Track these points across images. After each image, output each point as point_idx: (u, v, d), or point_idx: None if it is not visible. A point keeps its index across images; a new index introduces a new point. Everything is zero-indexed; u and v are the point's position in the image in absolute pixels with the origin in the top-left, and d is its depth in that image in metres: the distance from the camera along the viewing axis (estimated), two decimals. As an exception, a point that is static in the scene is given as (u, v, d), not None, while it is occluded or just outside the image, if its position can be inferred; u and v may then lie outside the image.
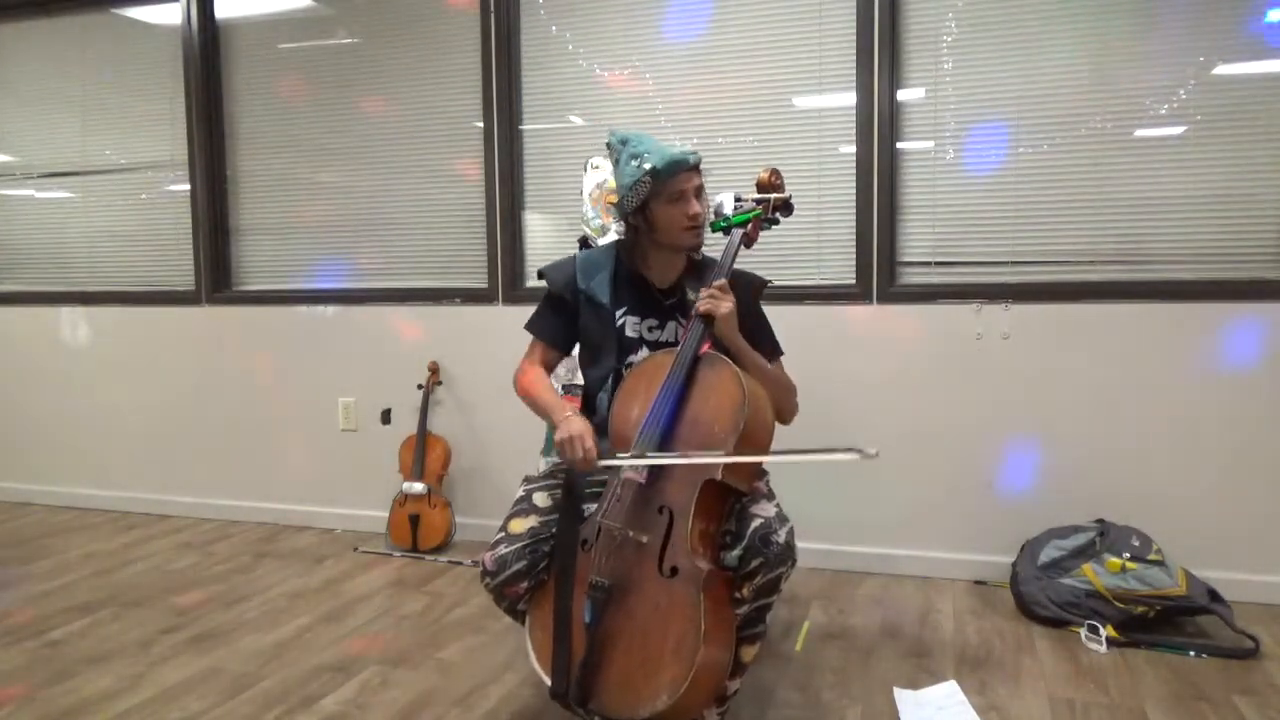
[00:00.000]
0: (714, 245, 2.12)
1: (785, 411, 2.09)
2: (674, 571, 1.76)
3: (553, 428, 1.94)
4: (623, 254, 2.13)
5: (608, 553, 1.83)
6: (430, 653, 2.54)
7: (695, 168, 2.02)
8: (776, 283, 3.17)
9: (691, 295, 2.08)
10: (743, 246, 2.11)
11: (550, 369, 2.18)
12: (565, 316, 2.14)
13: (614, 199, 2.10)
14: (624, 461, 1.86)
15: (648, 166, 1.96)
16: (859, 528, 3.22)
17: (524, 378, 2.12)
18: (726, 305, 1.95)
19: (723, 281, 1.99)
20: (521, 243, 3.60)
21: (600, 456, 1.87)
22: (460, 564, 3.34)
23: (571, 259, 2.17)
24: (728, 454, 1.80)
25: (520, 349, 2.18)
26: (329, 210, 3.87)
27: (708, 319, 1.95)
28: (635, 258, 2.11)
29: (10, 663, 2.49)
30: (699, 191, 2.03)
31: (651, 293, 2.11)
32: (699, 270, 2.12)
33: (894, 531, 3.19)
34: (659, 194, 1.98)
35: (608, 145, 2.10)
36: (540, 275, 2.20)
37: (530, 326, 2.19)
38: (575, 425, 1.88)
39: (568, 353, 2.22)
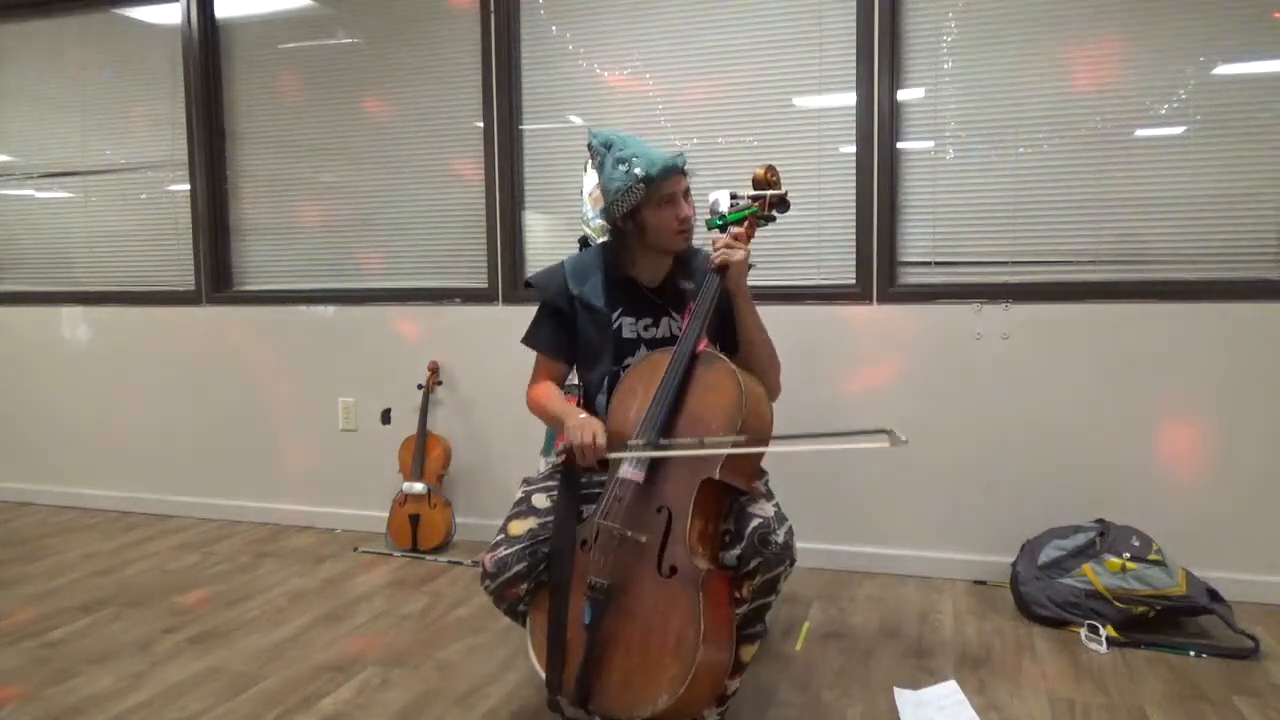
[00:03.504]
0: (709, 242, 2.12)
1: (771, 385, 2.07)
2: (673, 571, 1.76)
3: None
4: (609, 257, 2.12)
5: (606, 553, 1.83)
6: (430, 653, 2.54)
7: (683, 171, 2.03)
8: (777, 282, 3.21)
9: (686, 285, 2.09)
10: (740, 244, 2.11)
11: (560, 382, 2.16)
12: (564, 325, 2.13)
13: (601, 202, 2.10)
14: (630, 454, 1.86)
15: (639, 173, 1.95)
16: (859, 528, 3.22)
17: (534, 393, 2.13)
18: (740, 253, 1.99)
19: (739, 230, 2.03)
20: (521, 243, 3.60)
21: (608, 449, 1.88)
22: (460, 564, 3.34)
23: (560, 265, 2.16)
24: (723, 458, 1.80)
25: (519, 350, 2.18)
26: (329, 210, 3.87)
27: (723, 269, 1.98)
28: (624, 262, 2.10)
29: (10, 663, 2.49)
30: (686, 194, 2.04)
31: (642, 292, 2.11)
32: (688, 264, 2.13)
33: (894, 531, 3.19)
34: (649, 199, 1.98)
35: (588, 147, 2.09)
36: (529, 285, 2.18)
37: (530, 342, 2.17)
38: (590, 421, 1.91)
39: (573, 363, 2.19)
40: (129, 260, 4.19)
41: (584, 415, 1.95)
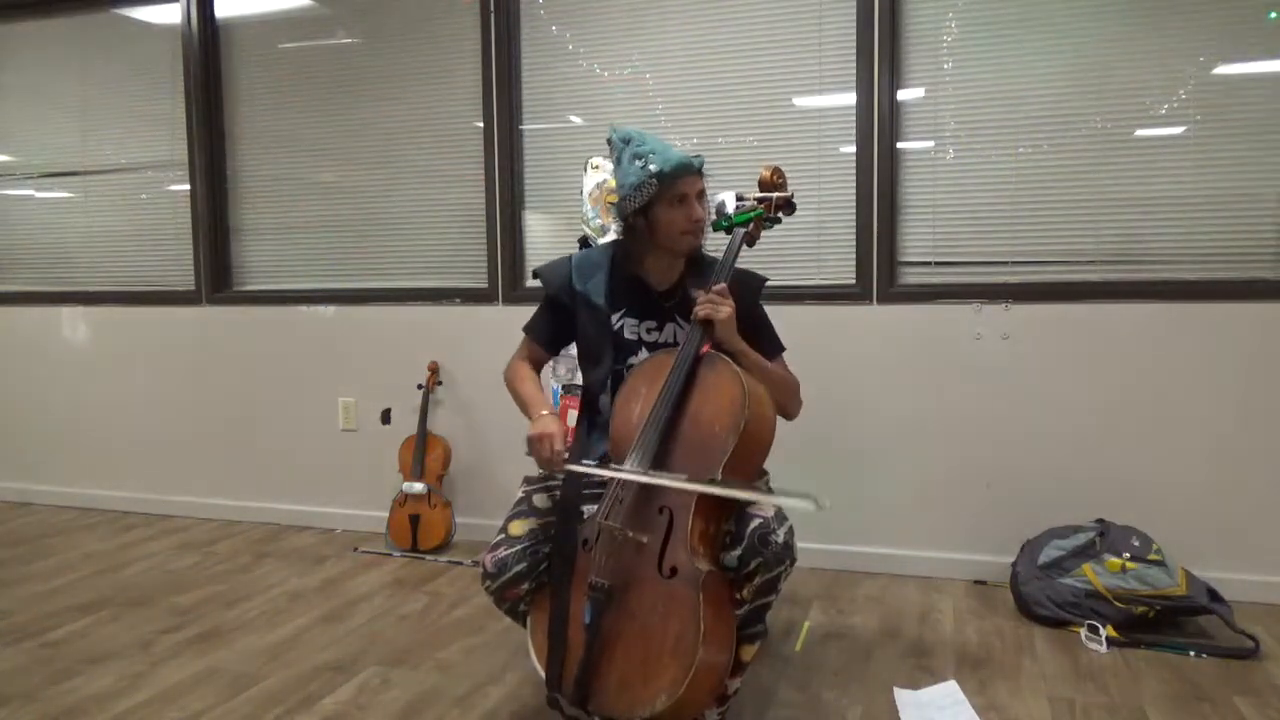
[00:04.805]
0: (715, 244, 2.12)
1: (789, 409, 2.09)
2: (673, 572, 1.76)
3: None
4: (619, 255, 2.12)
5: (608, 553, 1.83)
6: (430, 653, 2.54)
7: (698, 171, 2.02)
8: (777, 282, 3.19)
9: (694, 294, 2.08)
10: (745, 246, 2.10)
11: (538, 366, 2.17)
12: (558, 317, 2.14)
13: (614, 198, 2.09)
14: (590, 470, 1.88)
15: (653, 169, 1.95)
16: (859, 528, 3.22)
17: (509, 370, 2.15)
18: (725, 310, 1.94)
19: (722, 285, 1.98)
20: (521, 243, 3.60)
21: (570, 461, 1.88)
22: (460, 564, 3.34)
23: (567, 259, 2.16)
24: (729, 455, 1.81)
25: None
26: (329, 210, 3.87)
27: (707, 324, 1.95)
28: (633, 259, 2.10)
29: (10, 663, 2.49)
30: (700, 195, 2.03)
31: (650, 294, 2.11)
32: (700, 270, 2.11)
33: (894, 531, 3.19)
34: (662, 196, 1.98)
35: (608, 141, 2.09)
36: (535, 275, 2.20)
37: (526, 325, 2.20)
38: (549, 424, 1.90)
39: (555, 353, 2.23)
40: (129, 260, 4.19)
41: (544, 413, 1.94)
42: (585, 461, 1.92)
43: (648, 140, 2.01)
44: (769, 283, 2.19)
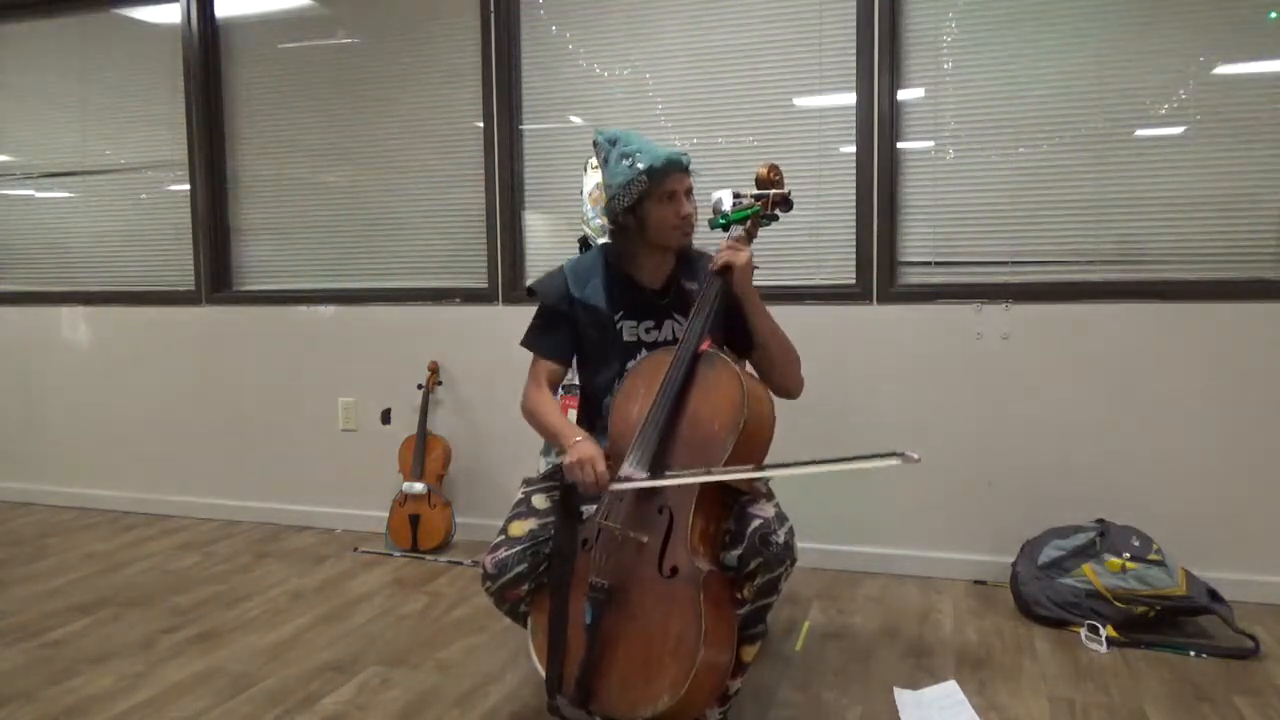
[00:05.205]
0: (711, 244, 2.12)
1: (793, 380, 2.09)
2: (674, 572, 1.76)
3: (560, 451, 1.94)
4: (611, 257, 2.13)
5: (608, 553, 1.83)
6: (430, 653, 2.54)
7: (686, 169, 2.03)
8: (776, 282, 3.21)
9: (689, 286, 2.08)
10: (742, 243, 2.11)
11: (555, 386, 2.14)
12: (564, 329, 2.12)
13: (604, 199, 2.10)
14: (637, 484, 1.83)
15: (642, 166, 1.97)
16: (859, 528, 3.22)
17: (530, 400, 2.10)
18: (744, 255, 1.98)
19: (741, 233, 2.03)
20: (521, 243, 3.60)
21: (611, 480, 1.85)
22: (460, 564, 3.34)
23: (560, 270, 2.16)
24: (728, 454, 1.81)
25: (519, 350, 2.18)
26: (329, 210, 3.87)
27: (727, 269, 1.97)
28: (624, 260, 2.10)
29: (10, 663, 2.49)
30: (689, 193, 2.04)
31: (644, 294, 2.11)
32: (691, 265, 2.13)
33: (894, 531, 3.19)
34: (651, 193, 1.99)
35: (594, 144, 2.10)
36: (530, 291, 2.19)
37: (529, 344, 2.16)
38: (587, 449, 1.87)
39: (570, 364, 2.19)
40: (129, 260, 4.19)
41: (579, 439, 1.91)
42: (635, 476, 1.84)
43: (634, 139, 2.03)
44: (767, 282, 2.19)
